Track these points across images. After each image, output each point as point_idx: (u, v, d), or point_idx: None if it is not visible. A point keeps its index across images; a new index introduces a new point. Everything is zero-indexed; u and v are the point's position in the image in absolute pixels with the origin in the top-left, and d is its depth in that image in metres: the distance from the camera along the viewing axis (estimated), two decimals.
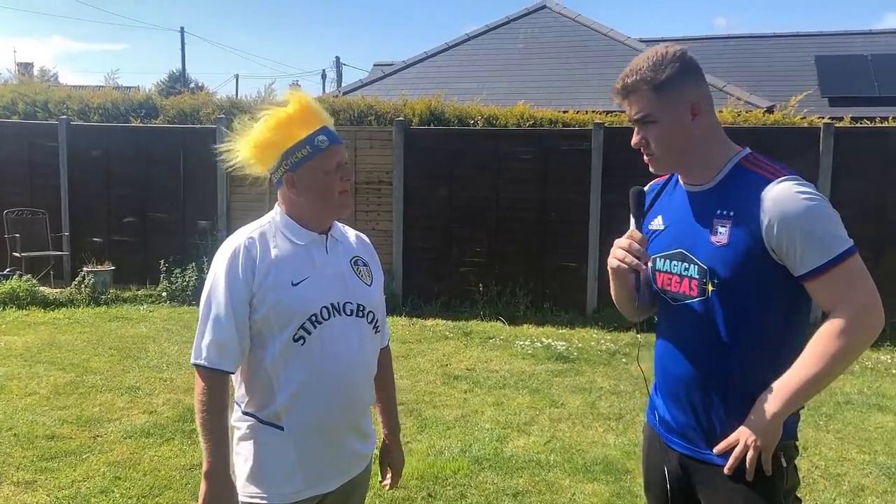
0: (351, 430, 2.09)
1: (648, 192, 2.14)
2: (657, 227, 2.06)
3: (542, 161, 9.01)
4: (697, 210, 1.94)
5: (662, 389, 2.07)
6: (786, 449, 1.88)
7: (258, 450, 2.00)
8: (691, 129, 1.90)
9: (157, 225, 10.08)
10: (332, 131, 2.05)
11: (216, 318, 1.95)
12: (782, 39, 18.54)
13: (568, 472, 4.46)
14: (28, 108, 11.26)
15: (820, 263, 1.76)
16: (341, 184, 2.04)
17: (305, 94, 2.07)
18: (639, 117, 1.92)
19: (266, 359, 1.98)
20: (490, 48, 15.90)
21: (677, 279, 1.96)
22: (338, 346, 2.00)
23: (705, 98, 1.93)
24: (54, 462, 4.45)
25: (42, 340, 7.32)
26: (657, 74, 1.87)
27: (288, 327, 1.96)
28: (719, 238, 1.86)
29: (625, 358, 7.13)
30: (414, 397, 5.81)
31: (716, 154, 1.94)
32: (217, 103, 11.19)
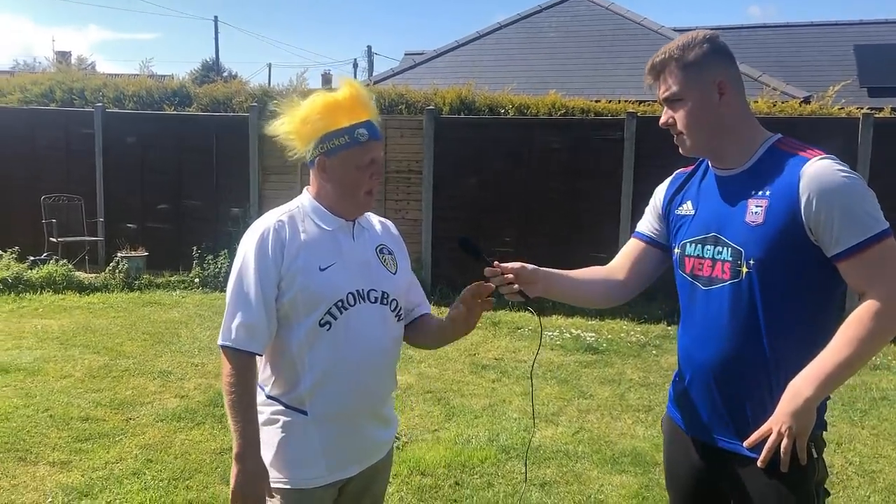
0: (373, 416, 2.09)
1: (674, 181, 2.15)
2: (686, 212, 2.05)
3: (573, 151, 8.94)
4: (730, 193, 1.93)
5: (689, 379, 2.03)
6: (815, 440, 1.85)
7: (282, 434, 2.01)
8: (718, 107, 1.91)
9: (191, 212, 10.19)
10: (375, 127, 2.04)
11: (245, 300, 1.96)
12: (820, 28, 18.17)
13: (596, 463, 4.44)
14: (65, 96, 11.44)
15: (855, 242, 1.74)
16: (369, 182, 2.03)
17: (359, 85, 2.06)
18: (666, 96, 1.95)
19: (292, 343, 1.99)
20: (522, 37, 15.80)
21: (709, 263, 1.94)
22: (362, 333, 2.00)
23: (734, 79, 1.94)
24: (88, 443, 4.53)
25: (77, 324, 7.45)
26: (685, 53, 1.91)
27: (315, 312, 1.96)
28: (754, 218, 1.85)
29: (655, 350, 7.07)
30: (442, 385, 5.82)
31: (747, 137, 1.94)
32: (250, 92, 11.27)
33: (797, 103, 9.76)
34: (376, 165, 2.04)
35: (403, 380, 5.91)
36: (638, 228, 2.24)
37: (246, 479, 1.91)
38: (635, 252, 2.23)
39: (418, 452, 4.50)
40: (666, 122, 1.98)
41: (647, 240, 2.20)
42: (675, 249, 2.07)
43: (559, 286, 2.17)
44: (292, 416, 2.00)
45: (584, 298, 2.34)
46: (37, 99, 11.50)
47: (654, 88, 2.02)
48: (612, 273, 2.23)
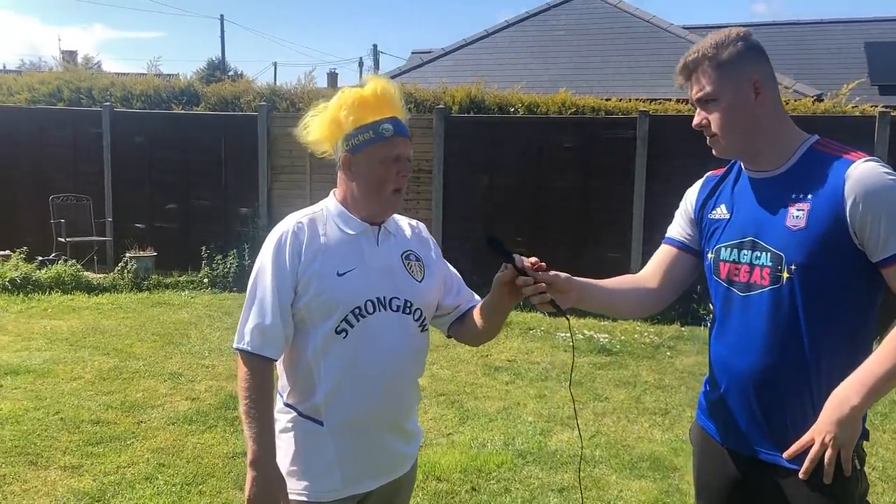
0: (392, 429, 2.01)
1: (706, 184, 2.08)
2: (720, 215, 1.98)
3: (584, 149, 8.87)
4: (767, 196, 1.86)
5: (725, 388, 1.95)
6: (857, 450, 1.79)
7: (297, 444, 1.96)
8: (754, 107, 1.84)
9: (199, 211, 10.14)
10: (402, 124, 1.99)
11: (261, 303, 1.91)
12: (829, 26, 18.07)
13: (614, 468, 4.37)
14: (73, 95, 11.40)
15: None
16: (396, 179, 1.96)
17: (387, 82, 2.01)
18: (700, 96, 1.88)
19: (308, 349, 1.93)
20: (530, 35, 15.72)
21: (746, 268, 1.87)
22: (380, 342, 1.93)
23: (769, 78, 1.87)
24: (100, 447, 4.48)
25: (86, 325, 7.41)
26: (719, 52, 1.85)
27: (331, 318, 1.90)
28: (796, 222, 1.78)
29: (669, 351, 6.99)
30: (455, 388, 5.75)
31: (784, 138, 1.87)
32: (257, 91, 11.23)
33: (810, 101, 9.66)
34: (402, 163, 1.97)
35: None
36: (669, 234, 2.16)
37: (261, 487, 1.86)
38: (668, 259, 2.14)
39: (433, 457, 4.43)
40: (699, 123, 1.91)
41: (679, 245, 2.12)
42: (708, 254, 2.00)
43: (592, 296, 2.08)
44: (308, 425, 1.94)
45: (618, 308, 2.24)
46: (44, 98, 11.46)
47: (685, 88, 1.95)
48: (645, 281, 2.14)
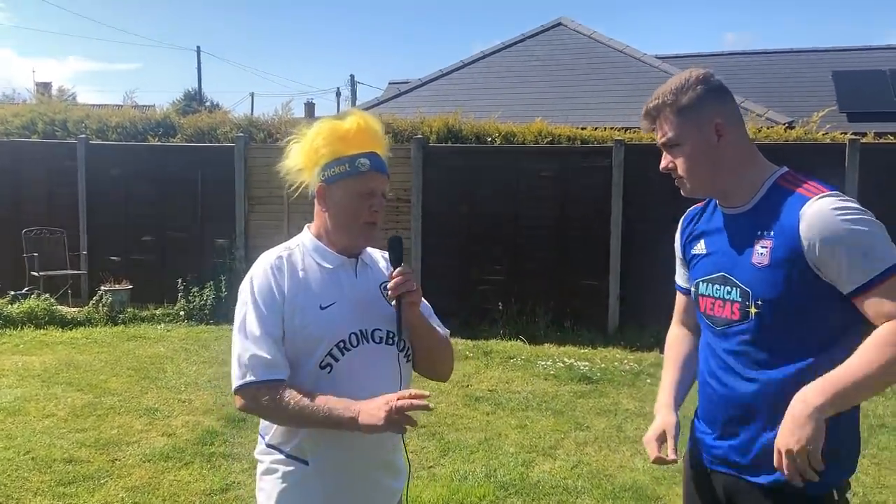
0: (380, 465, 1.99)
1: (685, 220, 2.13)
2: (699, 251, 2.03)
3: (562, 178, 8.92)
4: (736, 232, 1.91)
5: (707, 415, 2.01)
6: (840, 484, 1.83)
7: (282, 485, 1.91)
8: (718, 149, 1.88)
9: (176, 243, 10.03)
10: (381, 160, 1.99)
11: (254, 338, 1.87)
12: (798, 55, 18.44)
13: (597, 498, 4.34)
14: (47, 128, 11.32)
15: (865, 281, 1.71)
16: (369, 214, 1.95)
17: (368, 117, 2.02)
18: (664, 141, 1.93)
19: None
20: (506, 65, 15.89)
21: (720, 303, 1.92)
22: (366, 376, 1.90)
23: (732, 117, 1.91)
24: (72, 487, 4.38)
25: (60, 360, 7.27)
26: (679, 97, 1.89)
27: (315, 353, 1.88)
28: (760, 259, 1.82)
29: (649, 378, 6.99)
30: (436, 419, 5.70)
31: (749, 175, 1.91)
32: (234, 122, 11.22)
33: (782, 129, 9.82)
34: (377, 198, 1.97)
35: None
36: (677, 282, 2.23)
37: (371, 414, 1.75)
38: (687, 307, 2.20)
39: (414, 491, 4.37)
40: (666, 166, 1.96)
41: (683, 291, 2.20)
42: (691, 288, 2.06)
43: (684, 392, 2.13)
44: (293, 465, 1.90)
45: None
46: (18, 131, 11.36)
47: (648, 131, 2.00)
48: (692, 334, 2.20)
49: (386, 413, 1.71)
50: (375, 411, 1.73)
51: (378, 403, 1.75)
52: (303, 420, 1.83)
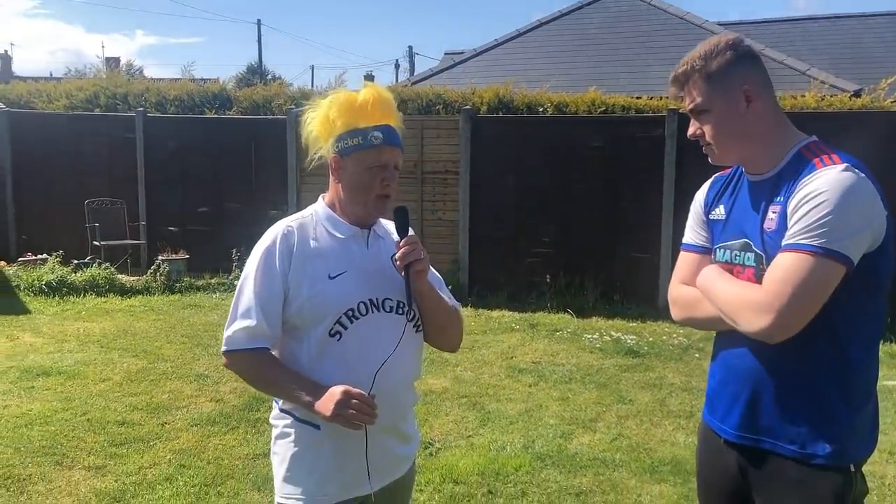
0: (389, 431, 2.00)
1: (713, 185, 2.10)
2: (718, 216, 2.02)
3: (613, 149, 8.77)
4: (757, 198, 1.89)
5: (724, 384, 1.98)
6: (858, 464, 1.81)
7: (294, 449, 1.96)
8: (746, 116, 1.86)
9: (230, 214, 10.25)
10: (395, 133, 1.99)
11: (246, 308, 1.93)
12: (871, 19, 17.63)
13: (634, 471, 4.31)
14: (109, 101, 11.66)
15: (800, 241, 1.69)
16: (380, 186, 1.96)
17: (382, 90, 2.03)
18: (692, 107, 1.91)
19: (303, 354, 1.94)
20: (562, 34, 15.61)
21: (739, 269, 1.90)
22: (375, 343, 1.93)
23: (761, 84, 1.87)
24: (123, 448, 4.55)
25: (118, 327, 7.54)
26: (708, 63, 1.86)
27: (324, 321, 1.91)
28: (770, 224, 1.82)
29: (697, 353, 6.88)
30: (477, 390, 5.73)
31: (777, 142, 1.88)
32: (289, 94, 11.34)
33: (847, 97, 9.43)
34: (389, 171, 1.98)
35: (438, 384, 5.84)
36: (685, 240, 2.14)
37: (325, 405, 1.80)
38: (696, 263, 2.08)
39: (451, 459, 4.42)
40: (694, 133, 1.94)
41: (698, 249, 2.09)
42: (712, 255, 2.02)
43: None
44: (305, 430, 1.94)
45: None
46: (82, 104, 11.72)
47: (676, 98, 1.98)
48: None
49: (334, 406, 1.77)
50: (328, 402, 1.79)
51: (334, 395, 1.79)
52: (273, 391, 1.93)
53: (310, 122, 2.04)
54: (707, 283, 1.90)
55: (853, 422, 1.78)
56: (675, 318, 2.07)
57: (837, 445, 1.76)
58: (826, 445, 1.76)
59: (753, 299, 1.72)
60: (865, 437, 1.82)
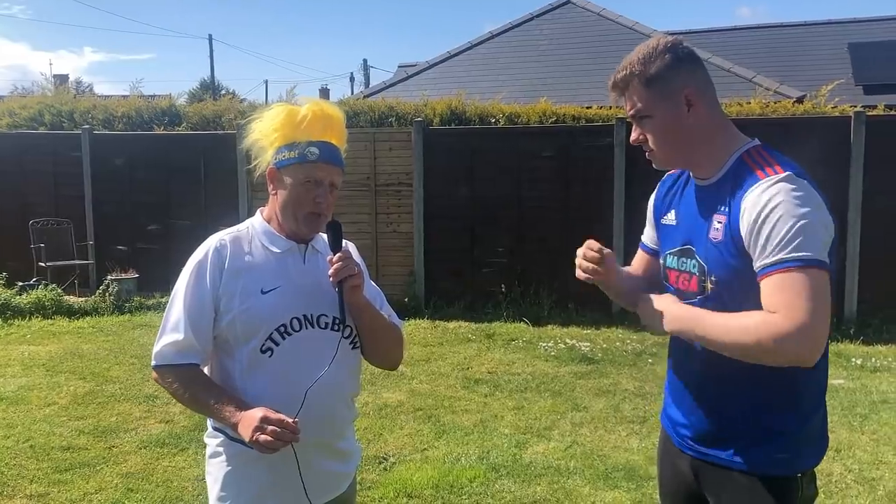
0: (325, 450, 1.97)
1: (661, 186, 2.08)
2: (670, 221, 1.99)
3: (563, 158, 8.84)
4: (702, 205, 1.86)
5: (674, 390, 2.00)
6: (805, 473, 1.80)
7: (227, 469, 1.92)
8: (688, 119, 1.81)
9: (181, 232, 10.06)
10: (333, 150, 1.96)
11: (173, 324, 1.90)
12: (813, 27, 18.10)
13: (588, 479, 4.32)
14: (54, 119, 11.40)
15: (772, 262, 1.62)
16: (313, 203, 1.93)
17: (326, 106, 2.00)
18: (633, 113, 1.86)
19: (234, 370, 1.91)
20: (513, 45, 15.74)
21: (685, 276, 1.88)
22: (308, 361, 1.89)
23: (702, 86, 1.83)
24: (68, 474, 4.42)
25: (65, 350, 7.35)
26: (646, 68, 1.81)
27: (255, 337, 1.87)
28: (715, 234, 1.78)
29: (651, 358, 6.95)
30: (433, 402, 5.70)
31: (720, 145, 1.84)
32: (239, 109, 11.21)
33: (790, 103, 9.65)
34: (323, 187, 1.94)
35: (394, 397, 5.80)
36: (642, 240, 2.17)
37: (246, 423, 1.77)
38: (643, 264, 2.16)
39: (405, 473, 4.38)
40: (636, 139, 1.90)
41: (650, 251, 2.13)
42: (660, 260, 2.01)
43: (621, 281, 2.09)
44: (238, 448, 1.89)
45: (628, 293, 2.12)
46: (26, 123, 11.44)
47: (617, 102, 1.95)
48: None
49: (251, 432, 1.74)
50: (248, 427, 1.75)
51: (252, 420, 1.75)
52: (199, 409, 1.89)
53: (253, 132, 2.01)
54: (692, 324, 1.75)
55: (802, 431, 1.77)
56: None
57: (785, 455, 1.75)
58: (774, 455, 1.75)
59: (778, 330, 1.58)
60: (814, 445, 1.81)
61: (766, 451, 1.76)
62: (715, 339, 1.69)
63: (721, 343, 1.68)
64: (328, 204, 1.96)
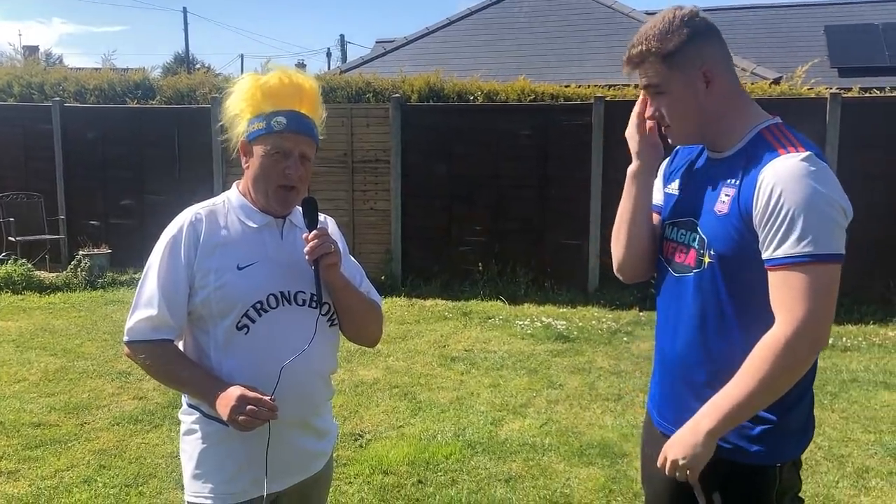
0: (302, 427, 1.95)
1: (674, 155, 2.02)
2: (672, 191, 1.95)
3: (541, 136, 8.82)
4: (711, 178, 1.81)
5: (659, 370, 1.95)
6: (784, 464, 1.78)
7: (203, 445, 1.89)
8: (706, 97, 1.76)
9: (154, 206, 9.91)
10: (303, 120, 1.90)
11: (147, 299, 1.86)
12: (790, 9, 18.16)
13: (563, 455, 4.35)
14: (24, 91, 11.14)
15: (788, 255, 1.60)
16: (282, 176, 1.88)
17: (294, 74, 1.94)
18: (648, 85, 1.80)
19: (209, 347, 1.87)
20: (492, 22, 15.64)
21: (683, 249, 1.84)
22: (285, 338, 1.86)
23: (721, 61, 1.78)
24: (39, 450, 4.37)
25: (36, 325, 7.24)
26: (664, 44, 1.74)
27: (231, 314, 1.84)
28: (721, 206, 1.74)
29: (626, 337, 6.99)
30: (409, 380, 5.70)
31: (738, 121, 1.79)
32: (214, 82, 11.02)
33: (767, 84, 9.70)
34: (292, 159, 1.88)
35: (370, 374, 5.79)
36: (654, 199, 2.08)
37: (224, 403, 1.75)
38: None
39: (381, 450, 4.38)
40: (652, 115, 1.84)
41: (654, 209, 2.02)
42: (661, 230, 1.96)
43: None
44: (213, 426, 1.87)
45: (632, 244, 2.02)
46: None
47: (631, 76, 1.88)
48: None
49: (229, 412, 1.72)
50: (224, 405, 1.73)
51: (229, 399, 1.73)
52: (174, 386, 1.89)
53: (226, 107, 1.96)
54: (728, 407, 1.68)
55: (785, 421, 1.74)
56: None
57: (765, 445, 1.73)
58: (753, 445, 1.73)
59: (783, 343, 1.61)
60: (798, 435, 1.78)
61: (746, 440, 1.74)
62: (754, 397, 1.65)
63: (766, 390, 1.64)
64: (299, 176, 1.89)
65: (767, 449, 1.73)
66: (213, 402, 1.77)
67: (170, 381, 1.92)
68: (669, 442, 1.74)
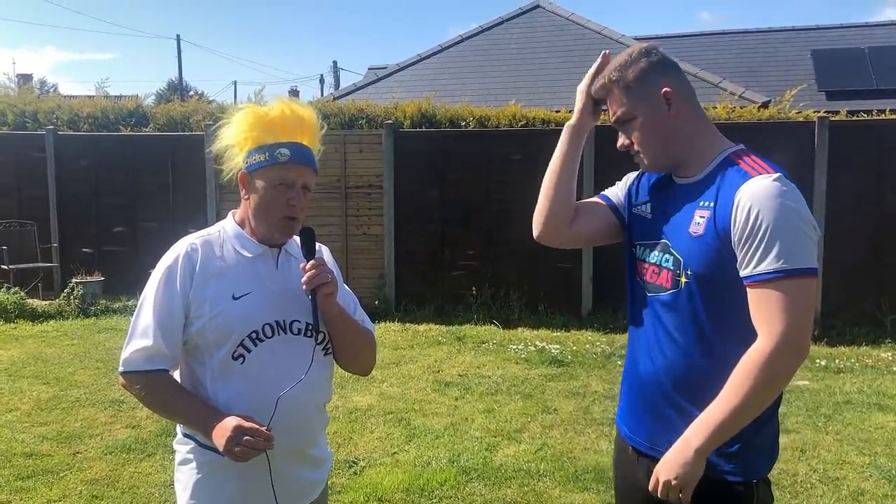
0: (297, 457, 1.95)
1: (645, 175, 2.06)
2: (643, 213, 1.99)
3: (532, 161, 8.81)
4: (682, 200, 1.87)
5: (632, 391, 1.98)
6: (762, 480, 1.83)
7: (198, 476, 1.89)
8: (671, 119, 1.85)
9: (147, 234, 9.93)
10: (305, 151, 1.93)
11: (142, 330, 1.87)
12: (778, 34, 18.39)
13: (558, 481, 4.34)
14: (18, 119, 11.15)
15: (766, 271, 1.67)
16: (286, 207, 1.90)
17: (296, 106, 1.97)
18: (616, 119, 1.90)
19: (205, 377, 1.88)
20: (484, 49, 15.79)
21: (655, 269, 1.89)
22: (280, 368, 1.87)
23: (680, 87, 1.87)
24: (30, 481, 4.33)
25: (28, 354, 7.21)
26: (624, 74, 1.88)
27: (226, 344, 1.85)
28: (696, 228, 1.79)
29: (620, 360, 6.99)
30: (403, 405, 5.68)
31: (704, 144, 1.88)
32: (208, 110, 11.08)
33: (755, 108, 9.80)
34: (296, 190, 1.91)
35: (364, 400, 5.78)
36: (605, 192, 2.16)
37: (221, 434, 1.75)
38: (595, 207, 2.13)
39: (376, 477, 4.36)
40: (623, 144, 1.94)
41: (609, 204, 2.11)
42: (631, 249, 2.02)
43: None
44: (208, 455, 1.87)
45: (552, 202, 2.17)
46: None
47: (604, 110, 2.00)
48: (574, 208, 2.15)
49: (225, 442, 1.73)
50: (220, 436, 1.74)
51: (226, 430, 1.74)
52: (170, 416, 1.90)
53: (222, 136, 1.98)
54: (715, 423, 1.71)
55: (756, 438, 1.78)
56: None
57: (739, 463, 1.77)
58: (727, 463, 1.77)
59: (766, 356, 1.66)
60: (768, 452, 1.84)
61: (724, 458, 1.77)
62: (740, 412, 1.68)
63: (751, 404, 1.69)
64: (301, 207, 1.93)
65: (743, 466, 1.78)
66: (209, 432, 1.77)
67: (165, 412, 1.92)
68: (660, 464, 1.77)
